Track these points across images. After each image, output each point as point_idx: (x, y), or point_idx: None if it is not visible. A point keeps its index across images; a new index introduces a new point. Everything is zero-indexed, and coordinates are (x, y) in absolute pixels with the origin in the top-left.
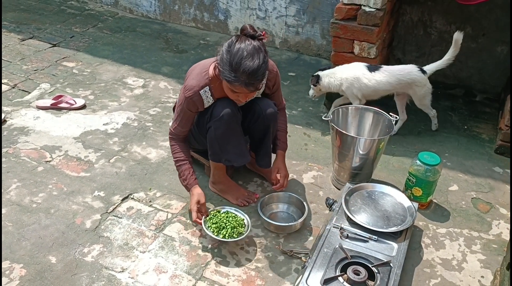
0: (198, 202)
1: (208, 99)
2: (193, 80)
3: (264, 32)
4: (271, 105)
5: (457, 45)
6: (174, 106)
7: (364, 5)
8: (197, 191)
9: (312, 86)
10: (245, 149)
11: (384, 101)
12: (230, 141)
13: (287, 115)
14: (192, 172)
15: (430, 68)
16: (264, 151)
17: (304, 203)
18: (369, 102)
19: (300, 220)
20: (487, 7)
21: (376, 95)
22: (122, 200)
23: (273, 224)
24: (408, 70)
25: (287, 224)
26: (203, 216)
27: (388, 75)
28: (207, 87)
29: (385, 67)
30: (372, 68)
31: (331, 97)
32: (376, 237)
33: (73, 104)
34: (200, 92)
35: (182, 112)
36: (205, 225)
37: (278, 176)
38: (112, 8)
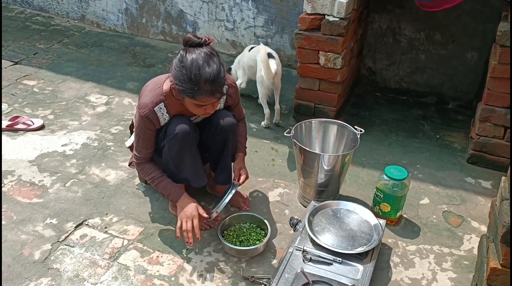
0: (197, 208)
1: (164, 117)
2: (147, 97)
3: (207, 37)
4: (229, 116)
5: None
6: (131, 124)
7: (328, 15)
8: (190, 199)
9: None
10: (202, 171)
11: (350, 113)
12: (186, 160)
13: (247, 128)
14: (174, 184)
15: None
16: (223, 166)
17: (267, 224)
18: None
19: (262, 243)
20: (455, 13)
21: (253, 73)
22: (76, 227)
23: (234, 249)
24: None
25: (248, 248)
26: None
27: (254, 53)
28: (162, 103)
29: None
30: (250, 49)
31: (299, 109)
32: (340, 259)
33: (30, 125)
34: (155, 109)
35: (141, 133)
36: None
37: (242, 177)
38: (79, 23)
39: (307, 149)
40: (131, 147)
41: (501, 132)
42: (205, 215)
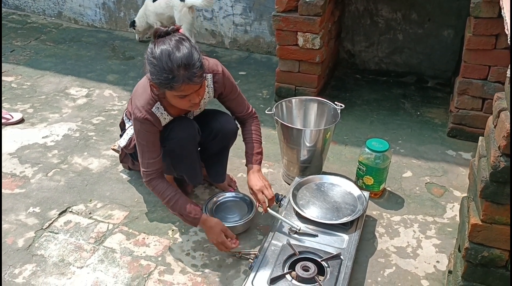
0: (223, 230)
1: (164, 116)
2: (140, 101)
3: (175, 24)
4: (231, 121)
5: None
6: (121, 122)
7: None
8: (213, 220)
9: (133, 30)
10: (199, 170)
11: (331, 95)
12: (185, 162)
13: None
14: (192, 202)
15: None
16: (219, 167)
17: (252, 201)
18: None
19: (246, 219)
20: None
21: (164, 18)
22: (60, 214)
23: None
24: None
25: (232, 224)
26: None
27: (161, 2)
28: (158, 103)
29: None
30: (154, 0)
31: (280, 92)
32: (317, 233)
33: (9, 119)
34: (152, 110)
35: (144, 139)
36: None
37: (268, 201)
38: (56, 20)
39: (289, 125)
40: (126, 147)
41: (479, 104)
42: (233, 235)
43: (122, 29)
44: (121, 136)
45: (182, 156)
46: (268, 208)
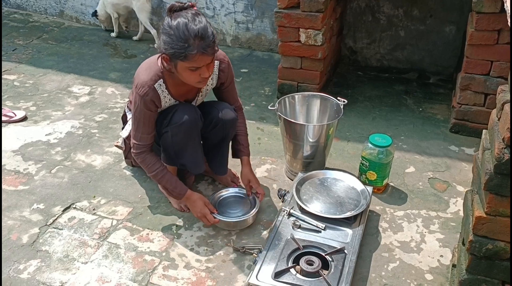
0: (205, 204)
1: (164, 94)
2: (143, 76)
3: (191, 2)
4: (231, 110)
5: None
6: (123, 115)
7: None
8: (196, 194)
9: (96, 19)
10: (201, 158)
11: (333, 91)
12: (188, 148)
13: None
14: (177, 178)
15: None
16: (221, 159)
17: (255, 198)
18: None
19: (251, 214)
20: None
21: (120, 8)
22: (63, 210)
23: (224, 221)
24: None
25: (237, 219)
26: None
27: None
28: (161, 80)
29: None
30: None
31: (282, 89)
32: (323, 225)
33: (12, 117)
34: (155, 85)
35: (141, 115)
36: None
37: (260, 196)
38: (58, 19)
39: (292, 120)
40: (128, 137)
41: (481, 99)
42: (214, 210)
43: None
44: (123, 128)
45: (185, 141)
46: (291, 210)
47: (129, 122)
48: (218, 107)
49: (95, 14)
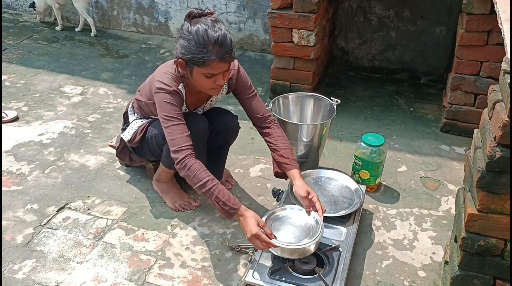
0: (258, 224)
1: (184, 97)
2: (164, 78)
3: (210, 10)
4: (233, 120)
5: None
6: (125, 112)
7: None
8: (250, 212)
9: (34, 10)
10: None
11: (325, 92)
12: None
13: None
14: (229, 191)
15: None
16: (218, 163)
17: (320, 221)
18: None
19: (314, 240)
20: None
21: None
22: (58, 210)
23: (286, 249)
24: None
25: (298, 246)
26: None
27: None
28: (182, 84)
29: None
30: None
31: (275, 89)
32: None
33: (4, 117)
34: (179, 87)
35: (173, 113)
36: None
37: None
38: (48, 18)
39: (286, 120)
40: (130, 141)
41: (471, 99)
42: (270, 234)
43: (115, 28)
44: (123, 129)
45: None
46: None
47: (132, 125)
48: (222, 115)
49: (32, 5)
